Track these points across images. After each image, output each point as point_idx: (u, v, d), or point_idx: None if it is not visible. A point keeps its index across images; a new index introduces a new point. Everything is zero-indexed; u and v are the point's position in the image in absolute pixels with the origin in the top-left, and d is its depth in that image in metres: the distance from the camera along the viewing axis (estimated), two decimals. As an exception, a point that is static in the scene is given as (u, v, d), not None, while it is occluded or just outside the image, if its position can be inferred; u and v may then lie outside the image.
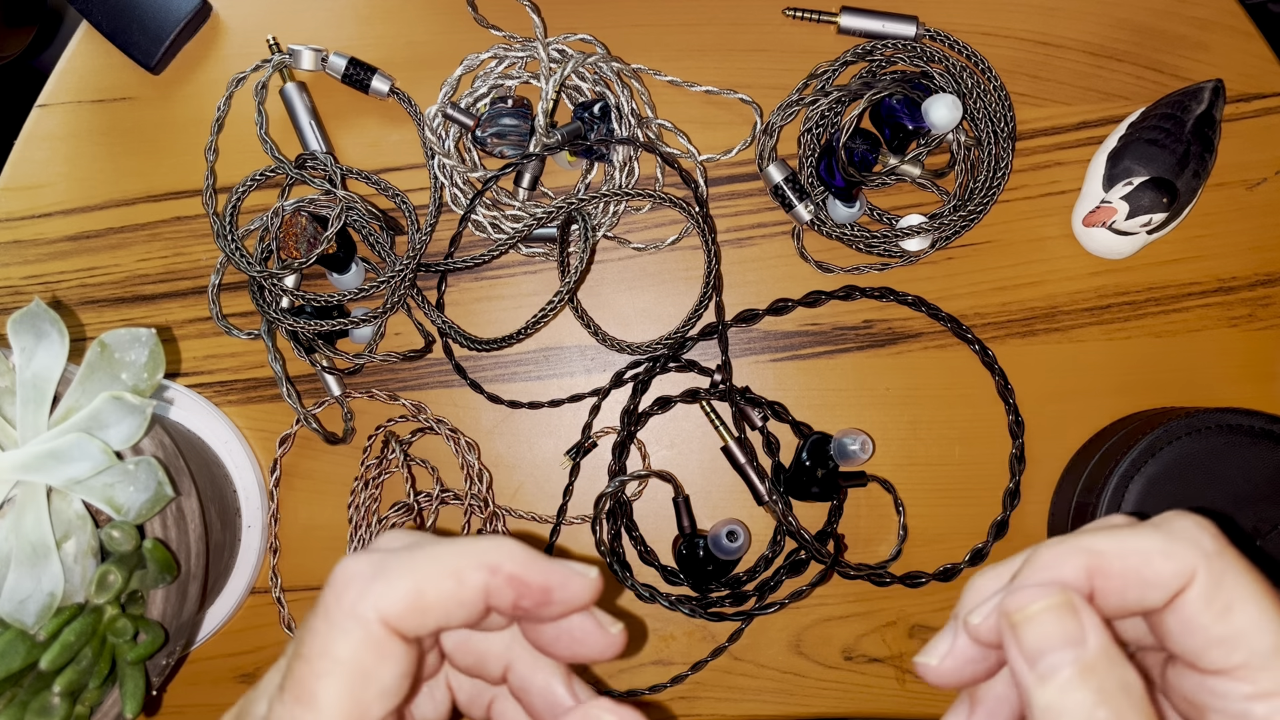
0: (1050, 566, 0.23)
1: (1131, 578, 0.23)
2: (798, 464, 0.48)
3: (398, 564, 0.23)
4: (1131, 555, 0.23)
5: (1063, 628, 0.22)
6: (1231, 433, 0.44)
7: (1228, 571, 0.23)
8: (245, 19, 0.53)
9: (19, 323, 0.38)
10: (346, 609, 0.23)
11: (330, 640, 0.22)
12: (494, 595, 0.24)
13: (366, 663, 0.22)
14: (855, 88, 0.49)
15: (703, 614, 0.49)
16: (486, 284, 0.52)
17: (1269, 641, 0.22)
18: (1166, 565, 0.23)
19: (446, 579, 0.23)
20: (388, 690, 0.23)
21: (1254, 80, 0.51)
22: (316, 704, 0.22)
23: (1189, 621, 0.23)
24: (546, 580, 0.24)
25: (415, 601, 0.23)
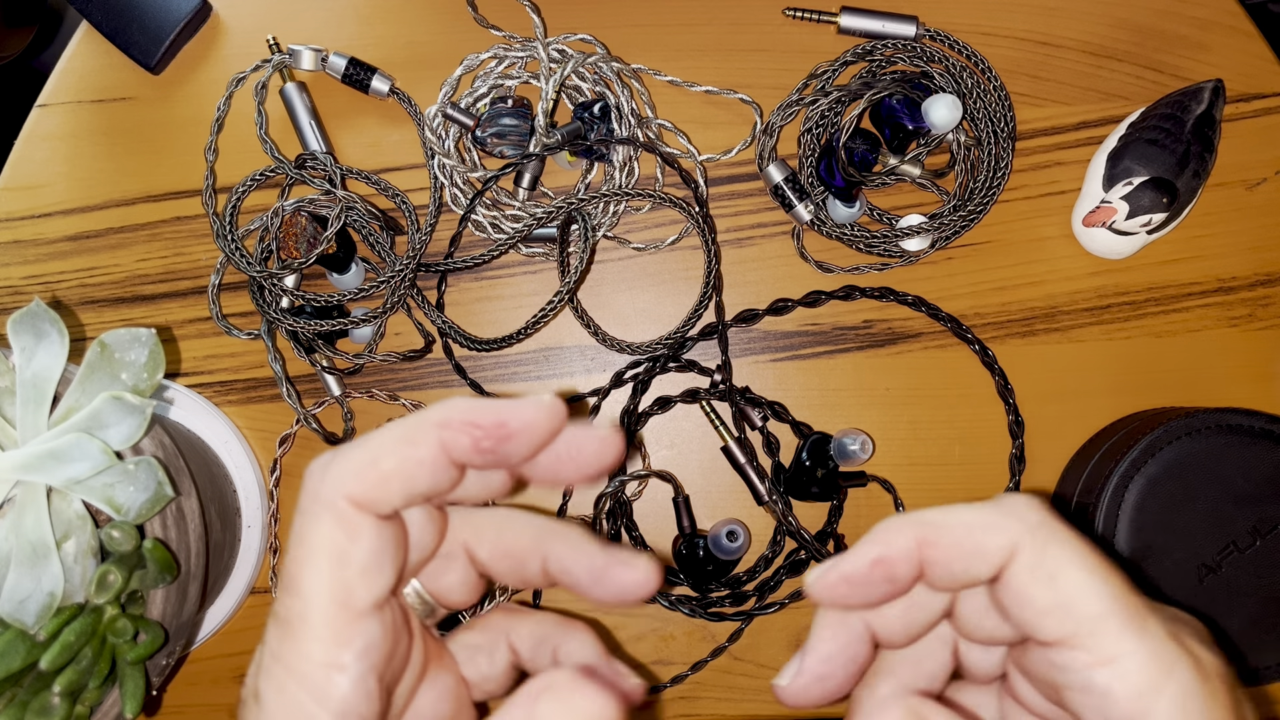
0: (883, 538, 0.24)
1: (958, 549, 0.23)
2: (798, 464, 0.48)
3: (353, 445, 0.24)
4: (959, 528, 0.23)
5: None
6: (1231, 433, 0.44)
7: (1051, 541, 0.23)
8: (245, 19, 0.53)
9: (19, 323, 0.38)
10: (312, 495, 0.23)
11: (304, 529, 0.23)
12: (451, 446, 0.24)
13: (340, 542, 0.23)
14: (855, 88, 0.49)
15: (703, 614, 0.49)
16: (486, 284, 0.52)
17: (1098, 605, 0.22)
18: (990, 537, 0.23)
19: (399, 444, 0.23)
20: (367, 567, 0.23)
21: (1254, 80, 0.51)
22: (301, 590, 0.23)
23: (1019, 593, 0.23)
24: (498, 415, 0.24)
25: (372, 472, 0.23)
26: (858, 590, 0.24)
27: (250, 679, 0.24)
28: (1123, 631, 0.22)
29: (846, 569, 0.24)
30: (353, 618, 0.23)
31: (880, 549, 0.24)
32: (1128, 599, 0.22)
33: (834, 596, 0.24)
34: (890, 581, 0.24)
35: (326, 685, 0.22)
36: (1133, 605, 0.22)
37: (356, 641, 0.23)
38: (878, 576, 0.24)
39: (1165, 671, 0.22)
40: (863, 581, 0.24)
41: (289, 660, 0.23)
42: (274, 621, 0.23)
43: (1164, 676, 0.22)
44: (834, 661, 0.25)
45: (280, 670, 0.23)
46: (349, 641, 0.23)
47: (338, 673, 0.22)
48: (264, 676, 0.23)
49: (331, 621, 0.23)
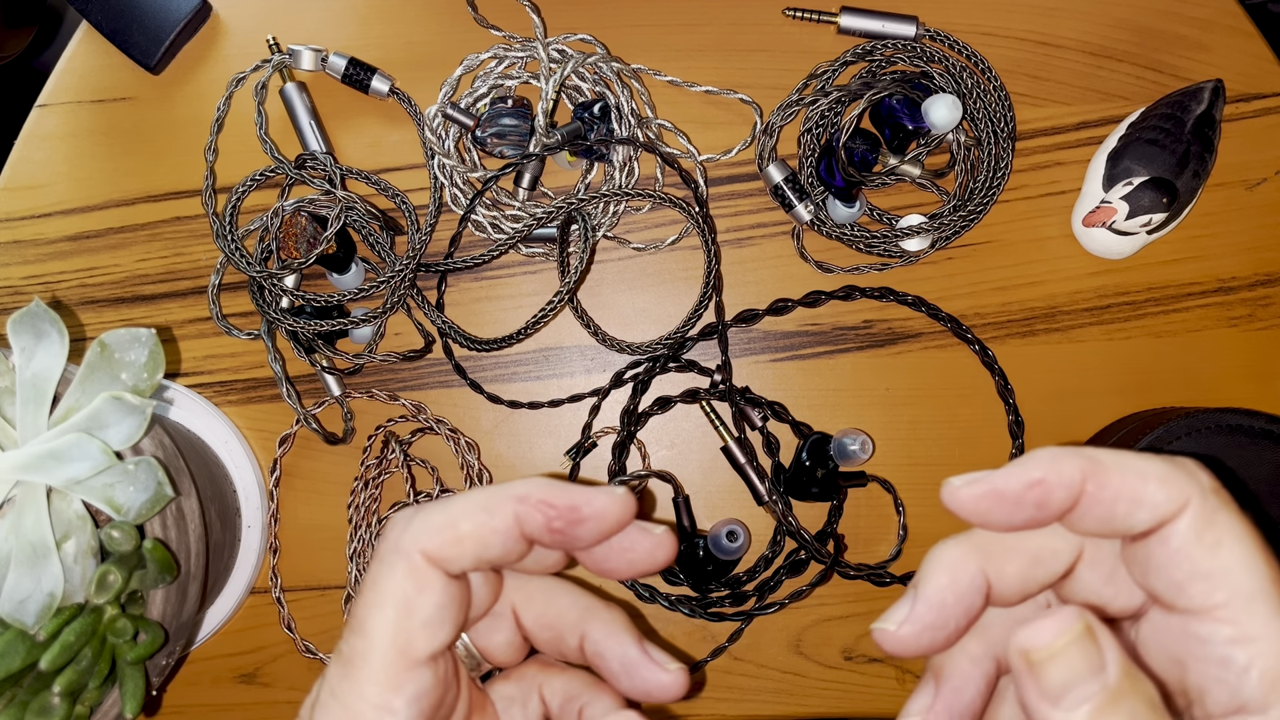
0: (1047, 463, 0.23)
1: (1125, 493, 0.22)
2: (798, 464, 0.48)
3: (436, 505, 0.25)
4: (1130, 473, 0.22)
5: (1085, 659, 0.21)
6: (1231, 433, 0.44)
7: (1221, 510, 0.22)
8: (245, 19, 0.53)
9: (19, 323, 0.38)
10: (390, 546, 0.25)
11: (378, 575, 0.25)
12: (525, 521, 0.25)
13: (409, 593, 0.24)
14: (855, 88, 0.49)
15: (703, 614, 0.49)
16: (486, 284, 0.52)
17: (1253, 583, 0.21)
18: (1161, 490, 0.22)
19: (478, 511, 0.25)
20: (430, 620, 0.24)
21: (1254, 80, 0.51)
22: (367, 632, 0.24)
23: (1177, 551, 0.22)
24: (572, 500, 0.25)
25: (450, 532, 0.25)
26: (1002, 509, 0.23)
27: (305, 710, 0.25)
28: (1272, 614, 0.21)
29: (1000, 483, 0.23)
30: (409, 665, 0.24)
31: (1043, 470, 0.23)
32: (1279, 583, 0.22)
33: (974, 509, 0.23)
34: (1040, 508, 0.23)
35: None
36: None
37: (409, 688, 0.24)
38: (1030, 499, 0.23)
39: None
40: (1013, 500, 0.23)
41: (346, 699, 0.24)
42: (337, 659, 0.25)
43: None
44: (948, 610, 0.24)
45: (336, 707, 0.24)
46: (403, 687, 0.24)
47: (389, 715, 0.24)
48: (320, 711, 0.24)
49: (390, 666, 0.24)
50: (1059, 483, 0.23)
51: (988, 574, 0.24)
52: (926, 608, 0.24)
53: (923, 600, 0.24)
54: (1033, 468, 0.23)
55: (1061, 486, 0.23)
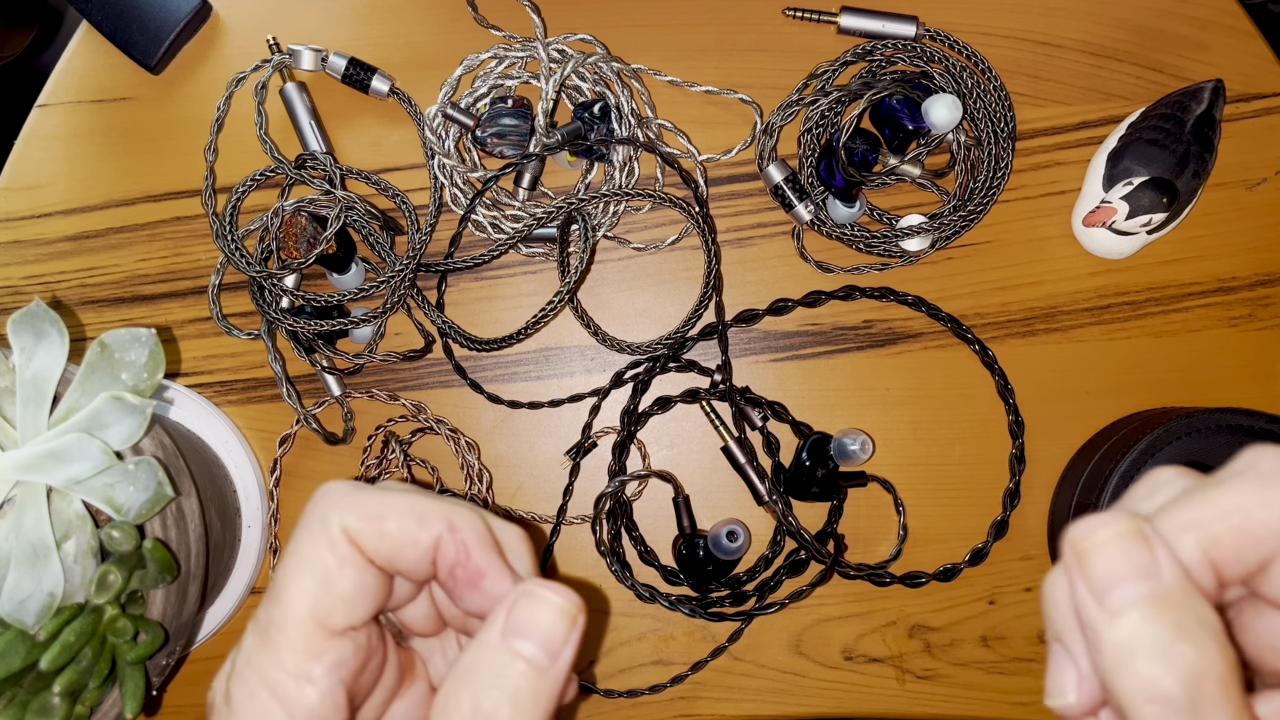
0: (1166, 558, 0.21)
1: (1244, 539, 0.21)
2: (798, 464, 0.48)
3: (372, 492, 0.25)
4: (1235, 515, 0.21)
5: (1134, 557, 0.20)
6: (1231, 433, 0.44)
7: None
8: (245, 19, 0.53)
9: (19, 323, 0.38)
10: (318, 516, 0.25)
11: (300, 543, 0.24)
12: (441, 550, 0.25)
13: (328, 565, 0.24)
14: (855, 88, 0.49)
15: (703, 614, 0.49)
16: (486, 284, 0.52)
17: None
18: (1272, 514, 0.20)
19: (409, 517, 0.25)
20: (347, 597, 0.24)
21: (1254, 80, 0.51)
22: (285, 600, 0.24)
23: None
24: (486, 566, 0.25)
25: (376, 525, 0.24)
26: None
27: (220, 681, 0.25)
28: None
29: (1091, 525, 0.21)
30: (327, 635, 0.24)
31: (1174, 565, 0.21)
32: None
33: None
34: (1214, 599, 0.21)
35: (296, 695, 0.23)
36: None
37: (328, 656, 0.24)
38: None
39: None
40: None
41: (262, 667, 0.24)
42: (254, 626, 0.24)
43: None
44: None
45: (253, 676, 0.24)
46: (321, 655, 0.24)
47: (307, 684, 0.23)
48: (236, 680, 0.24)
49: (307, 635, 0.24)
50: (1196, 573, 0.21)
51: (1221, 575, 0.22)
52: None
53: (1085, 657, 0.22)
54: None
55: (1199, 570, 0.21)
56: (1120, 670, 0.19)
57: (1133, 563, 0.20)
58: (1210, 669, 0.19)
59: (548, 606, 0.23)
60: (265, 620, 0.24)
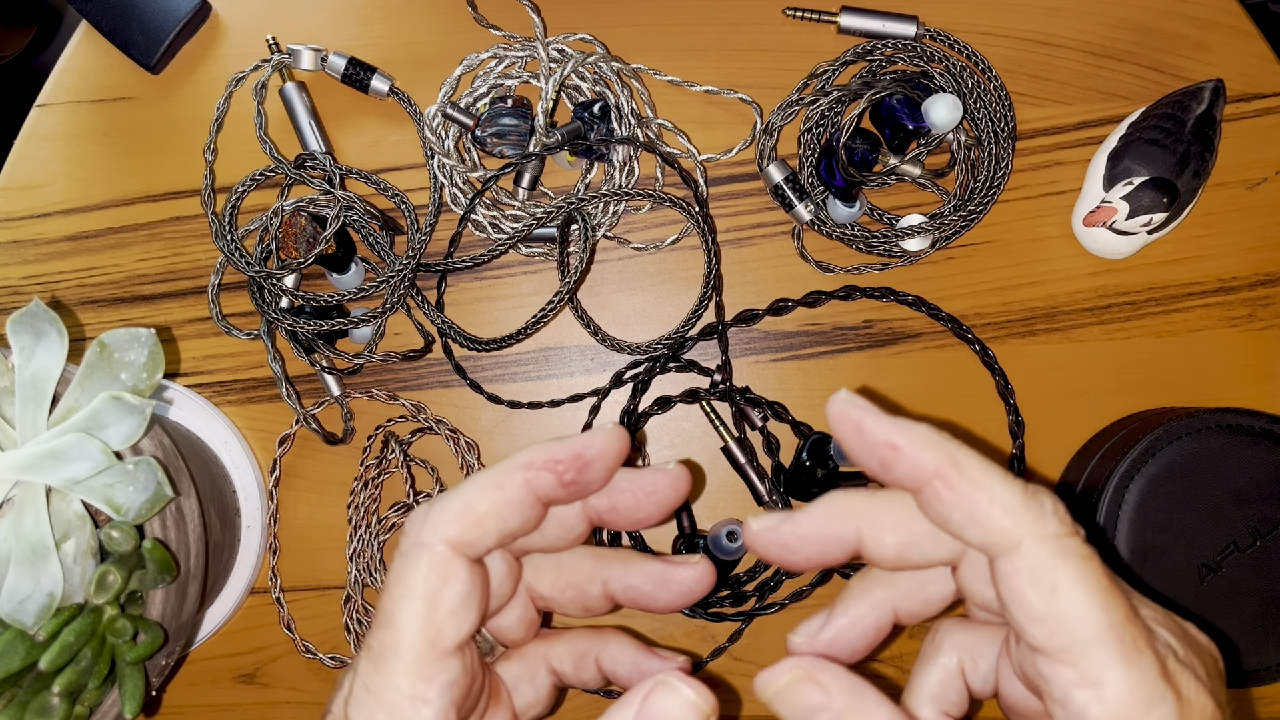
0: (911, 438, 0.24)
1: (965, 505, 0.23)
2: (798, 464, 0.48)
3: (448, 493, 0.26)
4: (980, 488, 0.23)
5: (806, 699, 0.24)
6: (1231, 433, 0.44)
7: (1061, 555, 0.22)
8: (245, 19, 0.53)
9: (18, 323, 0.38)
10: (413, 540, 0.25)
11: (403, 570, 0.25)
12: (537, 485, 0.26)
13: (434, 584, 0.25)
14: (855, 88, 0.49)
15: (703, 614, 0.49)
16: (486, 284, 0.52)
17: (1092, 629, 0.22)
18: (1000, 517, 0.23)
19: (491, 488, 0.26)
20: (456, 609, 0.25)
21: (1254, 80, 0.51)
22: (396, 625, 0.25)
23: (1014, 591, 0.23)
24: (573, 449, 0.26)
25: (468, 515, 0.25)
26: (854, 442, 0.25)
27: (337, 706, 0.26)
28: (1111, 660, 0.22)
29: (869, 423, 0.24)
30: (439, 655, 0.25)
31: (904, 440, 0.24)
32: (1126, 627, 0.22)
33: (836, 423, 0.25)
34: (883, 468, 0.24)
35: (413, 714, 0.24)
36: (1129, 635, 0.22)
37: (441, 677, 0.25)
38: (878, 454, 0.24)
39: (1146, 707, 0.21)
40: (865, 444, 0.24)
41: (378, 691, 0.25)
42: (366, 654, 0.25)
43: (1143, 712, 0.21)
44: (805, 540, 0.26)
45: (370, 700, 0.25)
46: (434, 677, 0.25)
47: (423, 705, 0.24)
48: (354, 705, 0.25)
49: (420, 657, 0.24)
50: (909, 459, 0.24)
51: (863, 534, 0.26)
52: (790, 528, 0.26)
53: (790, 521, 0.26)
54: (899, 432, 0.24)
55: (909, 464, 0.24)
56: None
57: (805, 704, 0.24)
58: None
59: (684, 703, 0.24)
60: (378, 646, 0.25)
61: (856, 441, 0.24)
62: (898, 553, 0.26)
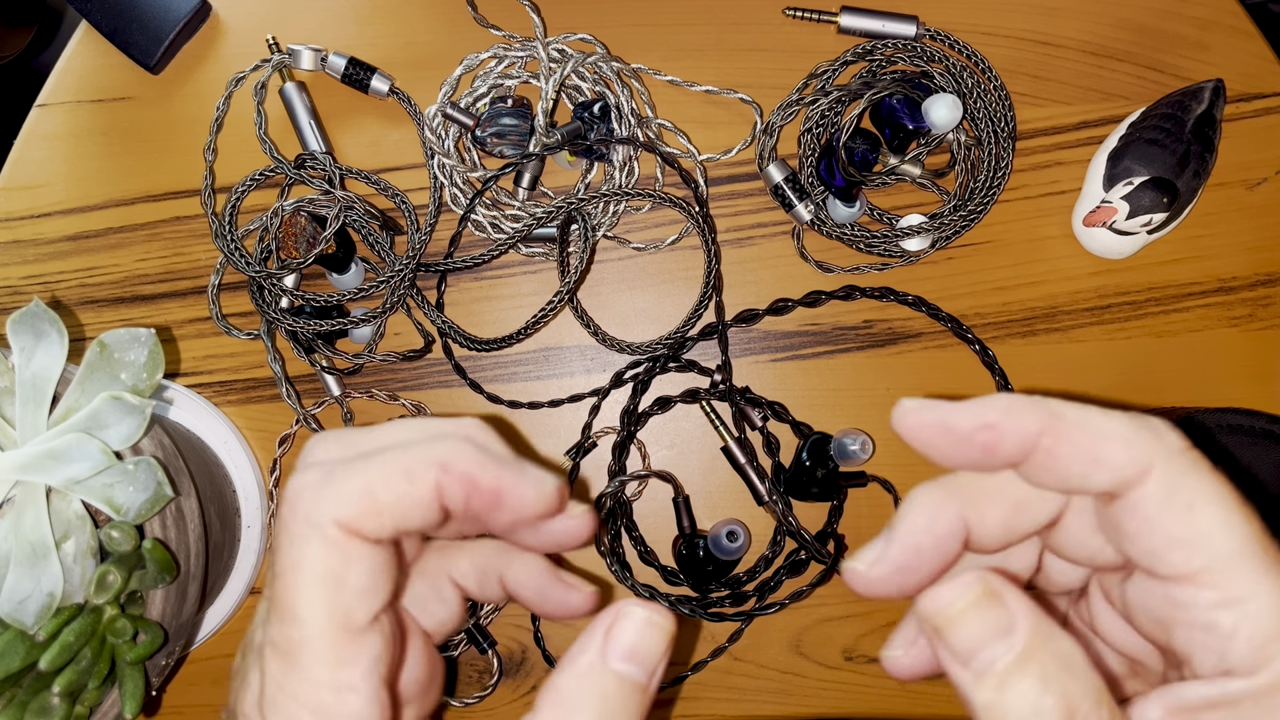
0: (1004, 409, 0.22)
1: (1083, 452, 0.21)
2: (798, 464, 0.48)
3: (349, 470, 0.23)
4: (1092, 430, 0.21)
5: (990, 620, 0.21)
6: (1231, 433, 0.44)
7: (1190, 470, 0.21)
8: (245, 19, 0.53)
9: (18, 323, 0.38)
10: (302, 519, 0.23)
11: (295, 553, 0.23)
12: (446, 493, 0.24)
13: (335, 568, 0.22)
14: (855, 87, 0.49)
15: (703, 614, 0.49)
16: (486, 284, 0.52)
17: (1233, 543, 0.20)
18: (1121, 451, 0.21)
19: (398, 478, 0.23)
20: (364, 589, 0.23)
21: (1254, 80, 0.51)
22: (298, 617, 0.22)
23: (1148, 519, 0.21)
24: (497, 483, 0.24)
25: (368, 503, 0.23)
26: (947, 443, 0.22)
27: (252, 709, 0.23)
28: (1257, 574, 0.20)
29: (952, 418, 0.22)
30: (354, 636, 0.23)
31: (998, 415, 0.22)
32: (1264, 541, 0.21)
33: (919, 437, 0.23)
34: (988, 453, 0.22)
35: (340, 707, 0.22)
36: (1269, 547, 0.21)
37: (362, 659, 0.23)
38: (978, 440, 0.22)
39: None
40: (960, 438, 0.22)
41: (296, 689, 0.22)
42: (273, 652, 0.23)
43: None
44: (922, 553, 0.23)
45: (288, 701, 0.22)
46: (355, 660, 0.23)
47: (350, 693, 0.22)
48: (271, 709, 0.23)
49: (334, 644, 0.22)
50: (1012, 431, 0.22)
51: (968, 519, 0.23)
52: (900, 549, 0.23)
53: (897, 541, 0.23)
54: (989, 410, 0.22)
55: (1014, 435, 0.22)
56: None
57: (991, 626, 0.21)
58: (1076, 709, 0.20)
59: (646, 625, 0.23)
60: (283, 642, 0.23)
61: (946, 442, 0.22)
62: (1005, 526, 0.23)
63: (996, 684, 0.20)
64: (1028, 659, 0.20)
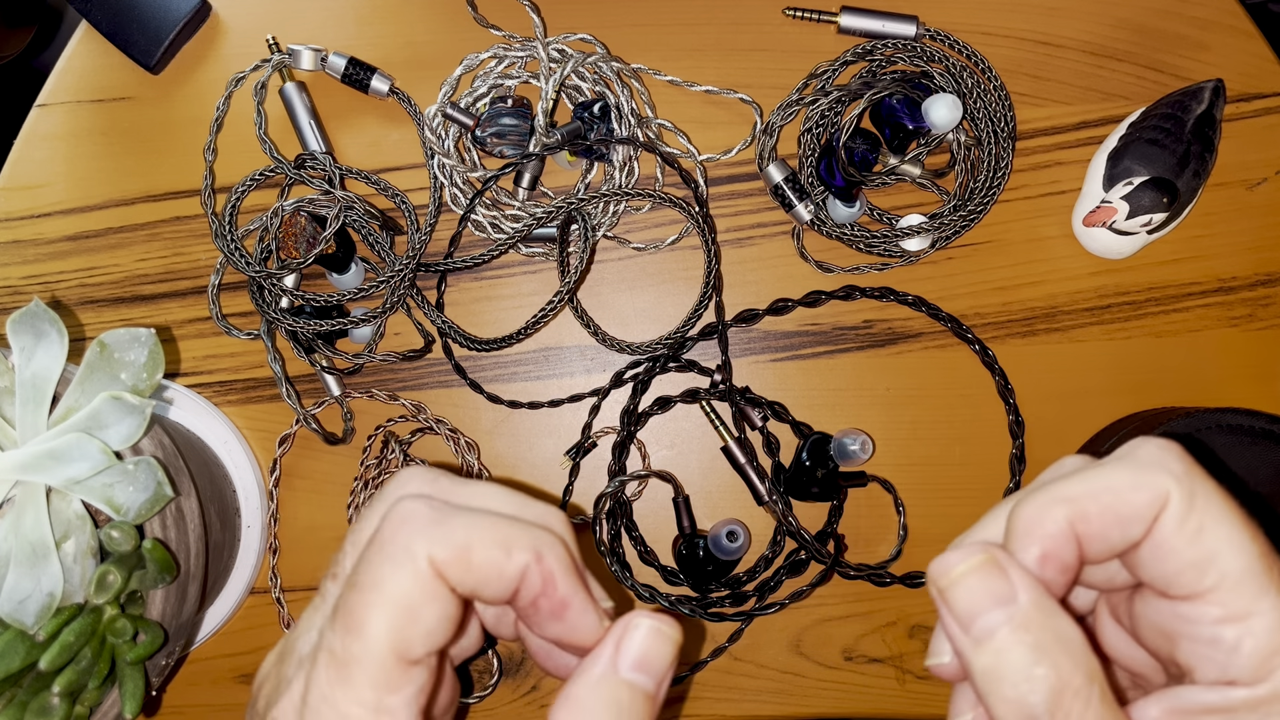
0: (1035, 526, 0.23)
1: (1110, 517, 0.22)
2: (798, 464, 0.48)
3: (456, 517, 0.24)
4: (1105, 494, 0.22)
5: (992, 587, 0.22)
6: (1231, 433, 0.44)
7: (1198, 492, 0.22)
8: (245, 19, 0.53)
9: (18, 323, 0.38)
10: (402, 545, 0.23)
11: (383, 573, 0.23)
12: (527, 581, 0.24)
13: (414, 599, 0.23)
14: (855, 87, 0.49)
15: (703, 614, 0.49)
16: (486, 284, 0.52)
17: (1241, 562, 0.21)
18: (1140, 496, 0.22)
19: (496, 547, 0.24)
20: (431, 631, 0.23)
21: (1254, 80, 0.51)
22: (365, 633, 0.23)
23: (1162, 546, 0.22)
24: (570, 597, 0.25)
25: (464, 556, 0.24)
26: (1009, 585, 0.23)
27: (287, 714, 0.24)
28: (1261, 591, 0.21)
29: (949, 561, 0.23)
30: (407, 667, 0.23)
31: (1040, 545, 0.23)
32: (1269, 558, 0.22)
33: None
34: (1064, 572, 0.23)
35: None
36: (1270, 564, 0.22)
37: (407, 689, 0.23)
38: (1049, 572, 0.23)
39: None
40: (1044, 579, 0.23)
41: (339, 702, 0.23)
42: (328, 659, 0.23)
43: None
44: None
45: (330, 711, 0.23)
46: (400, 689, 0.23)
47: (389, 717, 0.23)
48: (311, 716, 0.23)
49: (388, 669, 0.23)
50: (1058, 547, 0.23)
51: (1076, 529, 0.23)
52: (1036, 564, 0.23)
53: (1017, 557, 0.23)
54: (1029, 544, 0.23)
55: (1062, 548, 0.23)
56: (990, 693, 0.21)
57: (990, 592, 0.22)
58: (1068, 683, 0.21)
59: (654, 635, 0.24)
60: (343, 654, 0.23)
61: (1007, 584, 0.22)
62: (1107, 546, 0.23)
63: (994, 649, 0.21)
64: (1024, 628, 0.21)
